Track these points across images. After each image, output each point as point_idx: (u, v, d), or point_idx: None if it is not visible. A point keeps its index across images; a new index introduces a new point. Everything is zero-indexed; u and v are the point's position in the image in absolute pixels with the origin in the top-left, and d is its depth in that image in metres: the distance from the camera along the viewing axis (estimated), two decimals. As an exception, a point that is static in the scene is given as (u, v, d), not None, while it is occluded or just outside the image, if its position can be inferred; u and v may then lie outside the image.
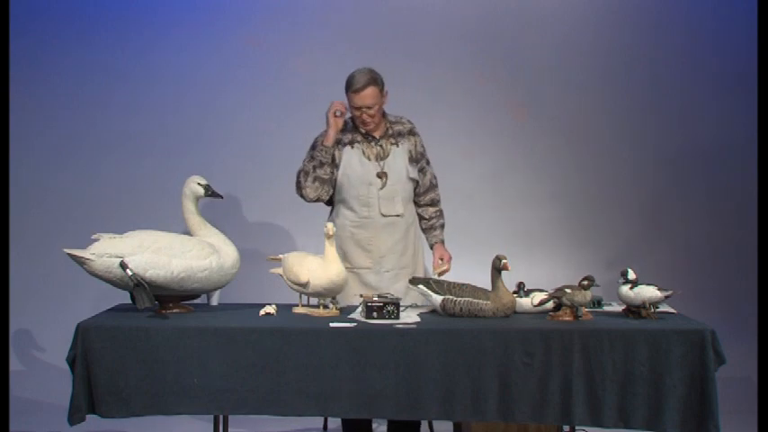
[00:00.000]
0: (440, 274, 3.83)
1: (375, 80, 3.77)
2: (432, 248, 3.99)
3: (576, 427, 3.38)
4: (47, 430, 4.50)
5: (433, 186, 4.01)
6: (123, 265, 3.30)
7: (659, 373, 3.07)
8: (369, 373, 3.10)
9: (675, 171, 5.51)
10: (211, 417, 3.61)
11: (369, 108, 3.78)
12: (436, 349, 3.10)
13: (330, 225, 3.41)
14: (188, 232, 3.58)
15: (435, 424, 4.37)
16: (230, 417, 3.68)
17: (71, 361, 3.17)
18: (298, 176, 3.87)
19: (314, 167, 3.83)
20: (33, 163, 5.37)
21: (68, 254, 3.33)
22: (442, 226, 4.02)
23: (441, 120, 5.41)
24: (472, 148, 5.46)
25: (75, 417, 3.13)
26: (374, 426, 4.20)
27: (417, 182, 3.94)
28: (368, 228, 3.83)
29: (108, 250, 3.33)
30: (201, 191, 3.59)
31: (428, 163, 4.00)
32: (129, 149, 5.41)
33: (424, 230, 4.02)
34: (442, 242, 3.99)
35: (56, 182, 5.40)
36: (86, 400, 3.13)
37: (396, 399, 3.09)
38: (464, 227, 5.44)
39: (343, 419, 3.87)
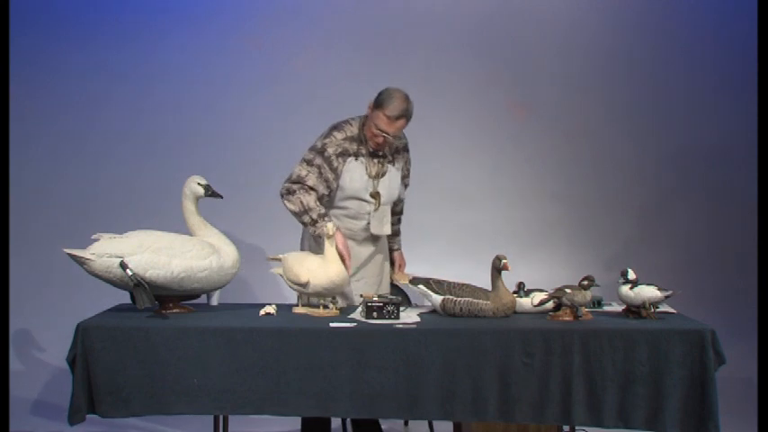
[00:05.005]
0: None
1: (410, 114, 3.61)
2: (392, 253, 4.01)
3: (576, 427, 3.38)
4: (47, 430, 4.50)
5: (402, 197, 3.99)
6: (123, 265, 3.30)
7: (659, 373, 3.07)
8: (369, 373, 3.10)
9: (675, 171, 5.51)
10: (211, 417, 3.61)
11: (392, 136, 3.67)
12: (436, 349, 3.10)
13: (330, 225, 3.41)
14: (188, 232, 3.58)
15: (435, 424, 4.37)
16: (230, 417, 3.68)
17: (71, 361, 3.17)
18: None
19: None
20: (33, 163, 5.37)
21: (68, 254, 3.33)
22: (399, 231, 4.06)
23: (441, 120, 5.41)
24: (472, 148, 5.46)
25: (75, 417, 3.13)
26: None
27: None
28: (350, 239, 3.74)
29: (108, 250, 3.33)
30: (201, 191, 3.59)
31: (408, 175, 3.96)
32: (129, 149, 5.40)
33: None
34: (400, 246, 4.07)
35: (56, 182, 5.39)
36: (86, 400, 3.13)
37: (396, 399, 3.10)
38: (464, 227, 5.45)
39: (303, 419, 3.84)
